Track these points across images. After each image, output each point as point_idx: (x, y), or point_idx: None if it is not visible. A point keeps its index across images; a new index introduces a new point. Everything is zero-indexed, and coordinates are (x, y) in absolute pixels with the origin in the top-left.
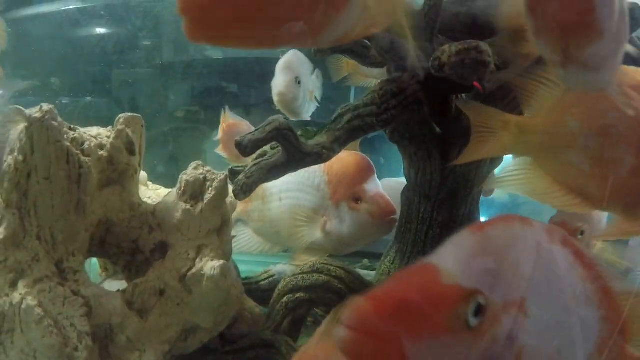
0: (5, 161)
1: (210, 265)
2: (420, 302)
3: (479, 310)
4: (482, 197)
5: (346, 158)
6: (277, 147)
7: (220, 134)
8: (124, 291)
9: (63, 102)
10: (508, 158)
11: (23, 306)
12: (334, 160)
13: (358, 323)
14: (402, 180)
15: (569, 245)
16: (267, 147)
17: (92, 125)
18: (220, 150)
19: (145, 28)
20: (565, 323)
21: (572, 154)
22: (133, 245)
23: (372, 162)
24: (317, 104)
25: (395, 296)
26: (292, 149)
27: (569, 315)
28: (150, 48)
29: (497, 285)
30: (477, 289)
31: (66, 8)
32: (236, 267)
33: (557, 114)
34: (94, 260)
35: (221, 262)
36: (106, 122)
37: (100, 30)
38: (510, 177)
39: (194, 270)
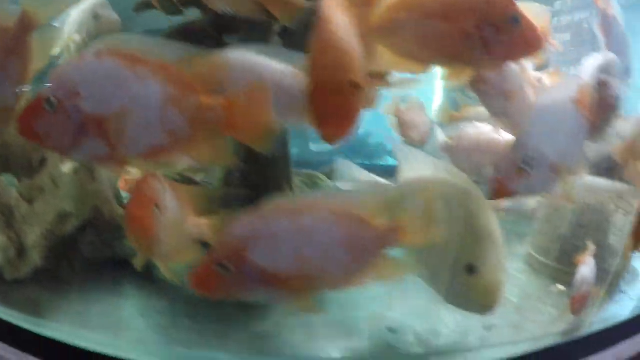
0: None
1: (67, 167)
2: None
3: (52, 104)
4: None
5: None
6: None
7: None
8: (18, 187)
9: None
10: None
11: None
12: None
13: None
14: None
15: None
16: None
17: None
18: None
19: None
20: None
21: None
22: (28, 162)
23: None
24: None
25: None
26: None
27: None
28: None
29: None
30: (47, 96)
31: None
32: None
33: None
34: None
35: (74, 165)
36: None
37: None
38: None
39: (59, 170)
